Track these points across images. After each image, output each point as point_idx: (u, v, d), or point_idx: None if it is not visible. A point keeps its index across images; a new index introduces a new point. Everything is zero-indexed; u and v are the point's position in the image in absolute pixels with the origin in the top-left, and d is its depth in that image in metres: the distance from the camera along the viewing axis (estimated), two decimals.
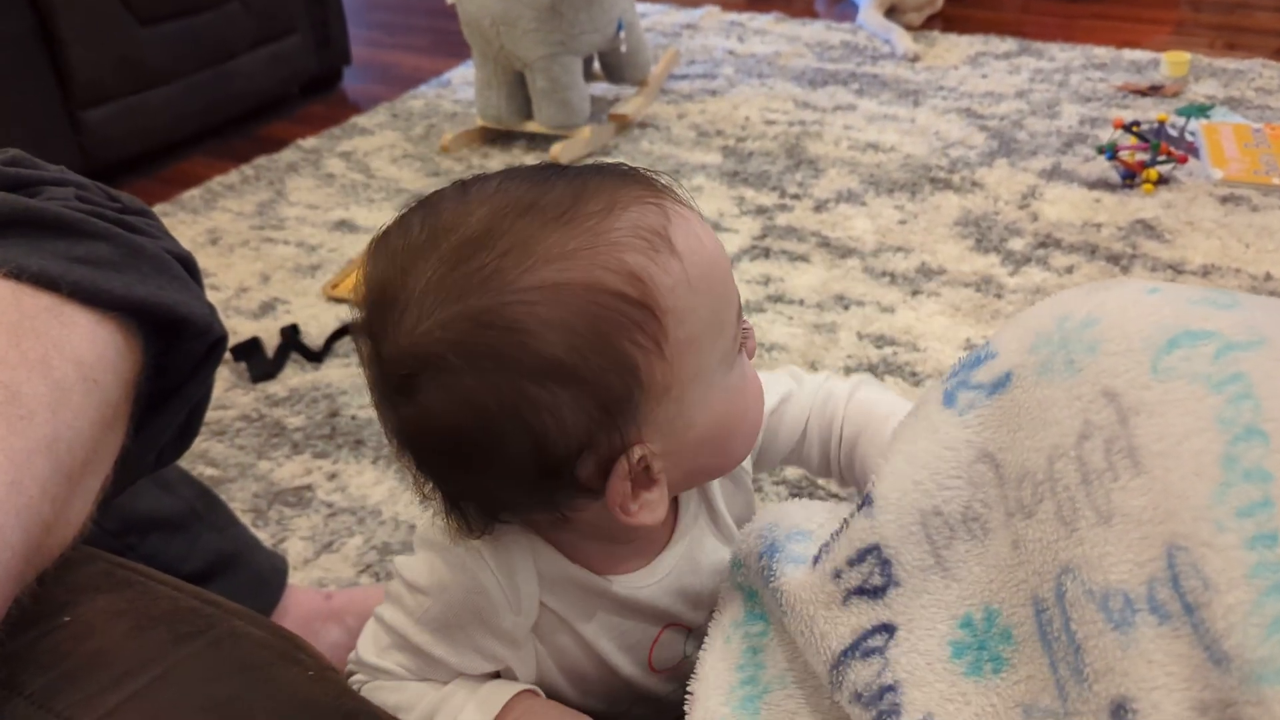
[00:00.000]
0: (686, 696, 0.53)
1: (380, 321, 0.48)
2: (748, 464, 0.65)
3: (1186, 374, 0.38)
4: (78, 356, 0.63)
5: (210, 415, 1.56)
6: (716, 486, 0.62)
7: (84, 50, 2.18)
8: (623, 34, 2.38)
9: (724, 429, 0.53)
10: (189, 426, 0.79)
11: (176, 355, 0.73)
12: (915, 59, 2.79)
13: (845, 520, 0.47)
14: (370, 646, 0.63)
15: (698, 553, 0.61)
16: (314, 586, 1.23)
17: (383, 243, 0.50)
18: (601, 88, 2.67)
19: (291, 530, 1.33)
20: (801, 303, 1.79)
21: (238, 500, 1.39)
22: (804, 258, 1.92)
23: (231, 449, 1.49)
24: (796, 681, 0.49)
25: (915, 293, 1.77)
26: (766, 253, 1.94)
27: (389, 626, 0.61)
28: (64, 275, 0.64)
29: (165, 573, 1.04)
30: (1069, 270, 1.80)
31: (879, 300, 1.77)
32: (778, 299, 1.80)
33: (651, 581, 0.59)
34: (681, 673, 0.62)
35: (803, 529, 0.52)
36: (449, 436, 0.48)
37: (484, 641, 0.58)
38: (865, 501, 0.47)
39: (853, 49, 2.93)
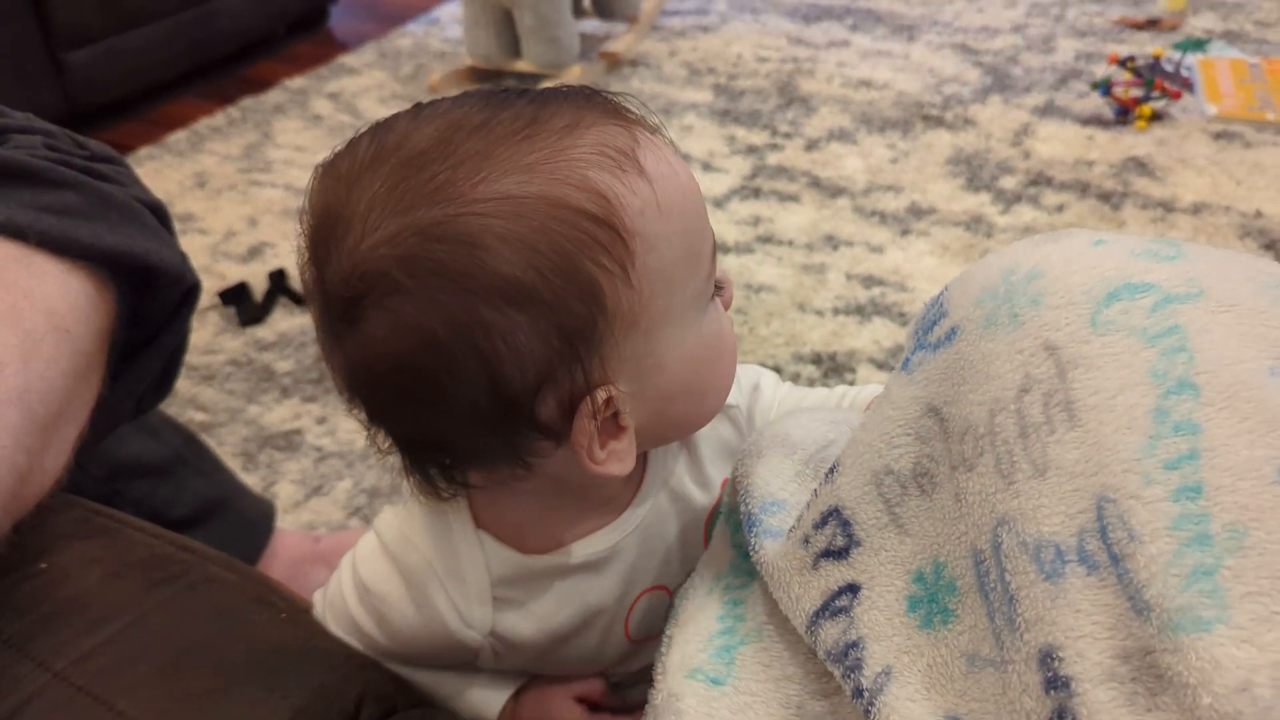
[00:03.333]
0: (664, 638, 0.53)
1: (324, 246, 0.45)
2: (744, 411, 0.62)
3: (1124, 327, 0.38)
4: (48, 306, 0.63)
5: (199, 360, 1.57)
6: (702, 431, 0.57)
7: None
8: None
9: (698, 377, 0.50)
10: (167, 374, 0.80)
11: (150, 304, 0.73)
12: None
13: (815, 489, 0.48)
14: (332, 622, 0.59)
15: (669, 501, 0.57)
16: (303, 530, 1.24)
17: (328, 166, 0.46)
18: (592, 25, 2.63)
19: (281, 474, 1.35)
20: (791, 243, 1.78)
21: (227, 445, 1.40)
22: (794, 197, 1.91)
23: (220, 394, 1.50)
24: (772, 636, 0.49)
25: (905, 232, 1.77)
26: (756, 192, 1.93)
27: (351, 618, 0.58)
28: (31, 225, 0.64)
29: (153, 518, 1.06)
30: (1059, 209, 1.80)
31: (868, 240, 1.77)
32: (767, 239, 1.80)
33: (618, 538, 0.55)
34: None
35: (776, 498, 0.52)
36: (397, 369, 0.44)
37: (442, 644, 0.56)
38: (832, 469, 0.48)
39: None
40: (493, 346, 0.43)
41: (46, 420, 0.61)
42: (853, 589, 0.44)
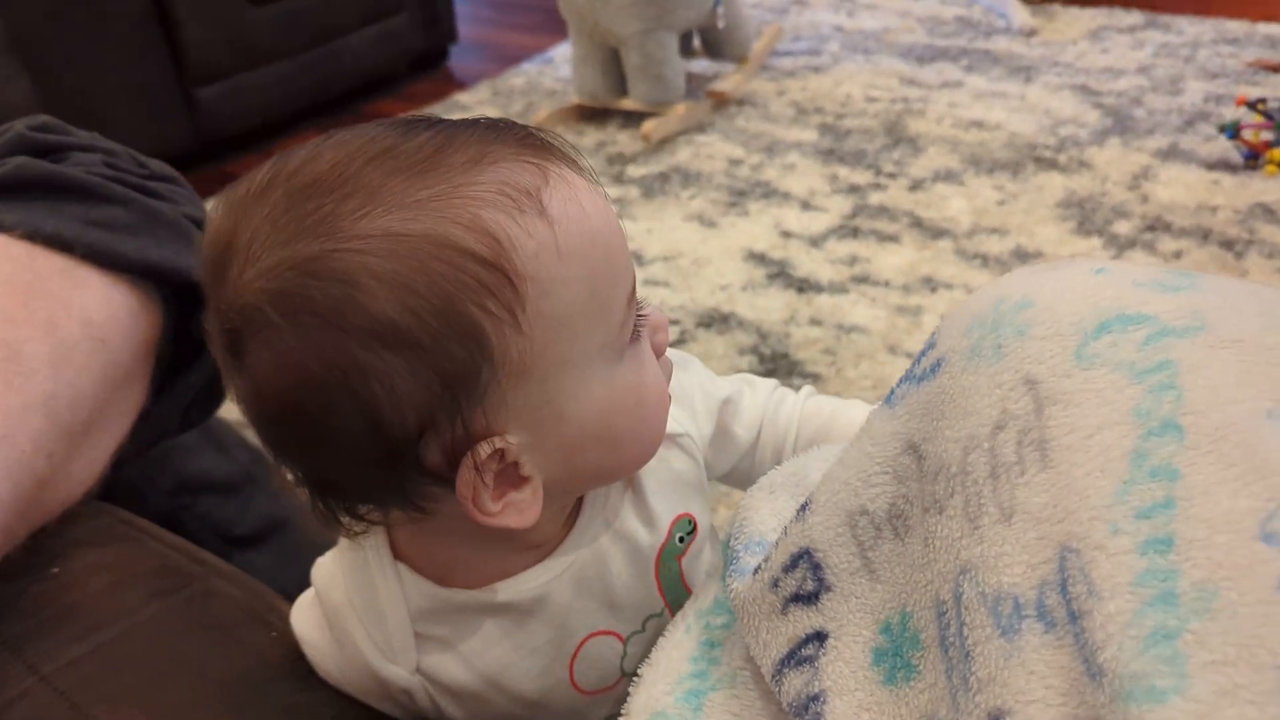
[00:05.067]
0: (634, 678, 0.51)
1: (213, 276, 0.43)
2: (700, 438, 0.57)
3: (1110, 361, 0.34)
4: (86, 316, 0.65)
5: None
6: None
7: (198, 29, 2.27)
8: (720, 9, 2.35)
9: (609, 428, 0.46)
10: (216, 388, 0.81)
11: (197, 319, 0.74)
12: (1031, 33, 2.67)
13: (786, 527, 0.45)
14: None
15: (609, 539, 0.53)
16: None
17: (227, 193, 0.44)
18: (702, 64, 2.64)
19: None
20: (887, 284, 1.74)
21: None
22: (894, 238, 1.86)
23: None
24: (746, 683, 0.46)
25: None
26: (855, 232, 1.89)
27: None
28: (79, 238, 0.66)
29: (217, 535, 1.08)
30: (1177, 255, 1.71)
31: (968, 283, 1.71)
32: (863, 280, 1.75)
33: (546, 579, 0.51)
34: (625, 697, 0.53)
35: (764, 539, 0.49)
36: (280, 407, 0.42)
37: (372, 686, 0.53)
38: (804, 506, 0.44)
39: (966, 24, 2.82)
40: (369, 389, 0.41)
41: (74, 427, 0.62)
42: (820, 637, 0.41)
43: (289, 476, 0.47)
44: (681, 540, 0.56)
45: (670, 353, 0.57)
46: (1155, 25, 2.66)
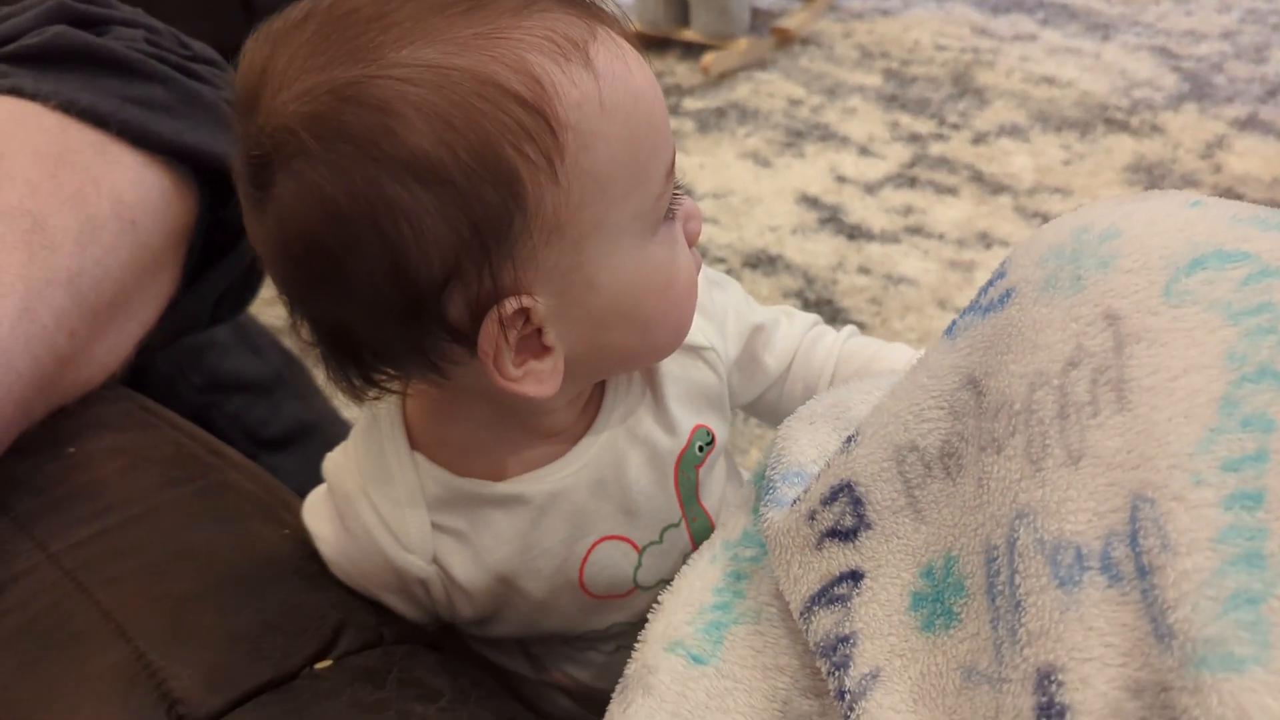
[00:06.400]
0: (654, 605, 0.49)
1: (244, 109, 0.42)
2: (725, 355, 0.55)
3: (1204, 299, 0.31)
4: (116, 195, 0.63)
5: None
6: (667, 366, 0.53)
7: None
8: None
9: (637, 306, 0.45)
10: (248, 283, 0.80)
11: (231, 209, 0.72)
12: None
13: (829, 459, 0.42)
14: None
15: (626, 440, 0.52)
16: None
17: (262, 29, 0.43)
18: (769, 0, 2.57)
19: None
20: (941, 237, 1.69)
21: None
22: (952, 190, 1.81)
23: None
24: (772, 619, 0.44)
25: None
26: (912, 182, 1.84)
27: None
28: (114, 113, 0.64)
29: (246, 435, 1.07)
30: None
31: None
32: (916, 230, 1.71)
33: (565, 473, 0.51)
34: (640, 608, 0.53)
35: (804, 470, 0.46)
36: (302, 245, 0.41)
37: (387, 574, 0.52)
38: (850, 438, 0.42)
39: None
40: (396, 227, 0.39)
41: (99, 308, 0.61)
42: (855, 576, 0.38)
43: (304, 334, 0.46)
44: (701, 450, 0.55)
45: (708, 272, 0.55)
46: None
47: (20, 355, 0.55)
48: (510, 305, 0.42)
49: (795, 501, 0.42)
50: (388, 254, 0.40)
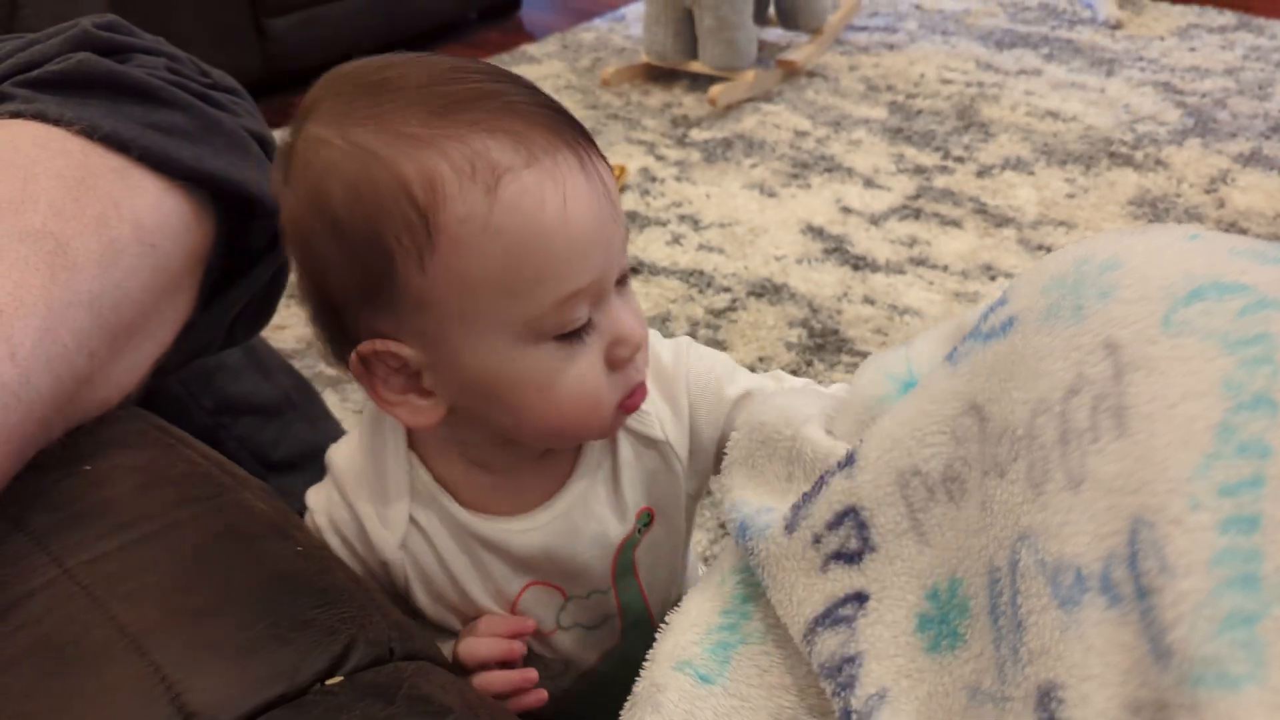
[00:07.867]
0: (661, 626, 0.49)
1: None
2: (682, 450, 0.60)
3: (1201, 330, 0.32)
4: (137, 219, 0.64)
5: None
6: (625, 453, 0.58)
7: None
8: None
9: (508, 393, 0.51)
10: (264, 306, 0.81)
11: (249, 234, 0.74)
12: (1117, 26, 2.60)
13: (823, 478, 0.43)
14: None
15: (582, 517, 0.58)
16: None
17: (345, 67, 0.53)
18: (775, 33, 2.59)
19: None
20: (946, 269, 1.70)
21: (350, 400, 1.43)
22: (956, 223, 1.82)
23: None
24: (778, 640, 0.45)
25: None
26: (917, 213, 1.85)
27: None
28: (136, 139, 0.65)
29: (255, 458, 1.08)
30: None
31: None
32: (920, 262, 1.72)
33: (528, 528, 0.58)
34: (562, 649, 0.62)
35: (763, 504, 0.47)
36: (292, 233, 0.52)
37: (365, 553, 0.60)
38: (847, 460, 0.42)
39: (1049, 11, 2.75)
40: (319, 255, 0.50)
41: (118, 329, 0.62)
42: (860, 598, 0.39)
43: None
44: (639, 532, 0.60)
45: (700, 350, 0.61)
46: (1248, 27, 2.57)
47: (41, 374, 0.56)
48: (380, 345, 0.50)
49: (792, 525, 0.43)
50: (318, 270, 0.51)
